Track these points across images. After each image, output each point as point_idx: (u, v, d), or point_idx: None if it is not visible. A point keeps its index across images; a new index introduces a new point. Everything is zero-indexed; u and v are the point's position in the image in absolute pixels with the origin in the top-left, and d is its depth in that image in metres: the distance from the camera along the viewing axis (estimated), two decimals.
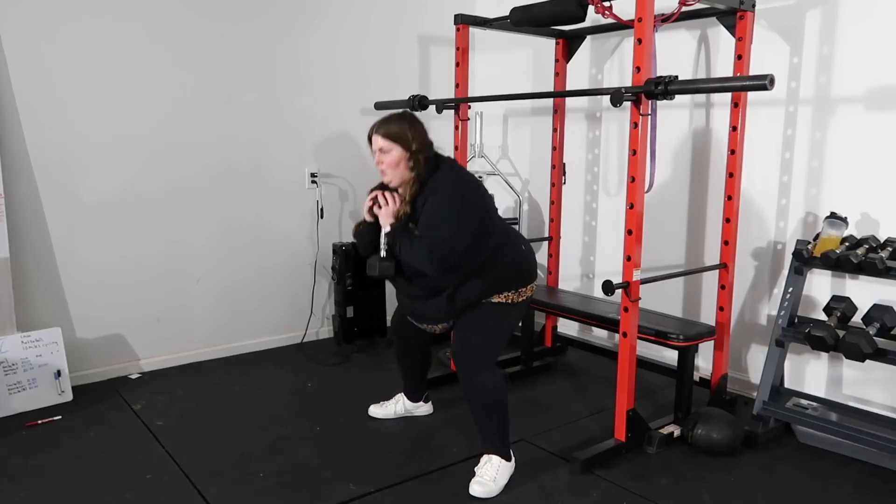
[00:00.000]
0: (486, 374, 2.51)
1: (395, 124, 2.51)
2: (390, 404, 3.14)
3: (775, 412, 2.91)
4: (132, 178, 3.54)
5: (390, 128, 2.51)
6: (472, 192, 2.52)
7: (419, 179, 2.50)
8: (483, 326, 2.55)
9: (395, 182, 2.53)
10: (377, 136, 2.52)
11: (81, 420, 3.07)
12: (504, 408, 2.56)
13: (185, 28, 3.60)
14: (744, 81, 2.41)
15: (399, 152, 2.49)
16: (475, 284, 2.52)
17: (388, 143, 2.49)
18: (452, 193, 2.45)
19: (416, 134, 2.51)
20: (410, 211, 2.50)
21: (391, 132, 2.50)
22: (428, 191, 2.48)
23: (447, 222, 2.40)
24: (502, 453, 2.55)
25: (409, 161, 2.50)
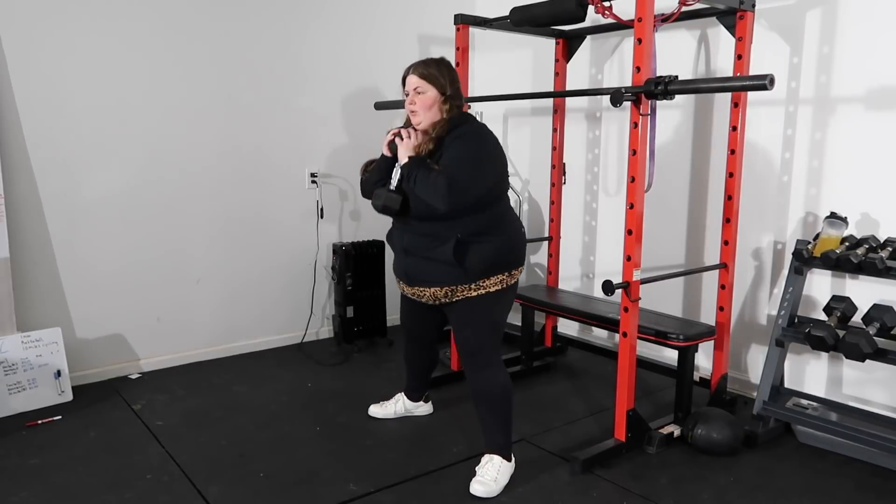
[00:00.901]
0: (494, 371, 2.53)
1: (433, 67, 2.52)
2: (390, 404, 3.14)
3: (775, 412, 2.91)
4: (132, 177, 3.54)
5: (429, 69, 2.51)
6: (497, 148, 2.51)
7: (449, 123, 2.48)
8: (483, 321, 2.54)
9: (425, 123, 2.50)
10: (413, 76, 2.52)
11: (81, 420, 3.07)
12: (509, 406, 2.56)
13: (186, 28, 3.60)
14: (744, 81, 2.41)
15: (434, 94, 2.48)
16: (480, 251, 2.45)
17: (425, 84, 2.49)
18: (480, 141, 2.45)
19: (453, 80, 2.52)
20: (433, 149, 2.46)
21: (429, 73, 2.50)
22: (453, 136, 2.46)
23: (471, 162, 2.38)
24: (504, 453, 2.55)
25: (443, 104, 2.49)
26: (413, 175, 2.40)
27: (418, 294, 2.60)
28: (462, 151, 2.40)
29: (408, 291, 2.65)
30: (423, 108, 2.49)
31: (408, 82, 2.54)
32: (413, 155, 2.45)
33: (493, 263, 2.48)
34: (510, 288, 2.57)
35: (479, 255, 2.45)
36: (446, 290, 2.52)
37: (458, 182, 2.33)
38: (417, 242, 2.52)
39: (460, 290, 2.50)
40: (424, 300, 2.60)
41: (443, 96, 2.49)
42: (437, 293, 2.54)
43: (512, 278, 2.56)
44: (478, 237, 2.45)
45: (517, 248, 2.58)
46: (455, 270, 2.46)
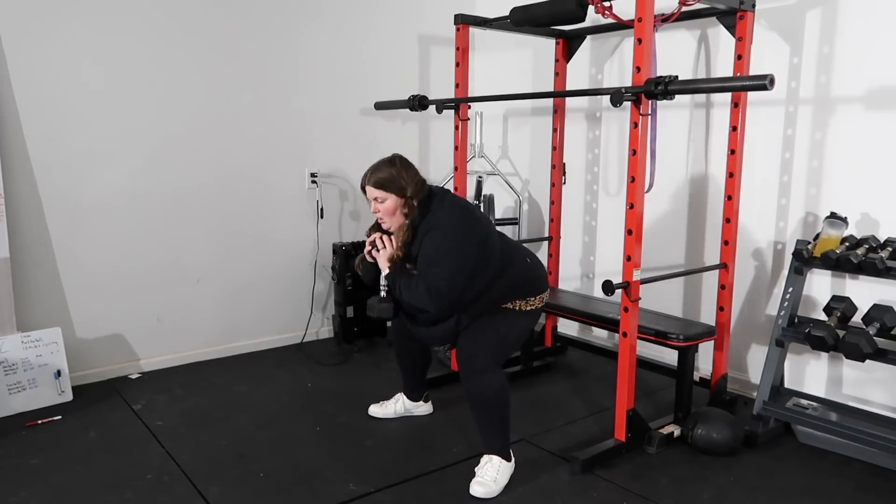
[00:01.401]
0: (489, 376, 2.51)
1: (385, 171, 2.51)
2: (390, 404, 3.14)
3: (775, 412, 2.91)
4: (132, 177, 3.54)
5: (382, 176, 2.51)
6: (469, 224, 2.51)
7: (413, 224, 2.52)
8: (490, 329, 2.57)
9: (394, 228, 2.57)
10: (370, 187, 2.54)
11: (81, 420, 3.07)
12: (506, 409, 2.56)
13: (186, 28, 3.60)
14: (744, 81, 2.41)
15: (394, 200, 2.51)
16: (478, 305, 2.58)
17: (383, 193, 2.51)
18: (449, 231, 2.46)
19: (409, 178, 2.51)
20: (406, 252, 2.55)
21: (384, 181, 2.50)
22: (423, 229, 2.50)
23: (445, 260, 2.42)
24: (503, 454, 2.56)
25: (403, 207, 2.51)
26: (397, 285, 2.52)
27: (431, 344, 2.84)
28: (435, 249, 2.45)
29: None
30: (387, 214, 2.54)
31: (367, 192, 2.56)
32: (390, 265, 2.55)
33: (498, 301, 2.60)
34: (525, 312, 2.64)
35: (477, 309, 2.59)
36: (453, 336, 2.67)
37: (435, 287, 2.42)
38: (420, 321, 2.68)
39: None
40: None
41: (403, 199, 2.50)
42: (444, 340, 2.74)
43: (527, 304, 2.62)
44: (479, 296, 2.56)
45: (528, 282, 2.65)
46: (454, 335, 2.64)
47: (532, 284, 2.64)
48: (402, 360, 3.05)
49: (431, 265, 2.43)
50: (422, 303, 2.45)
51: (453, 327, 2.60)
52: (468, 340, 2.58)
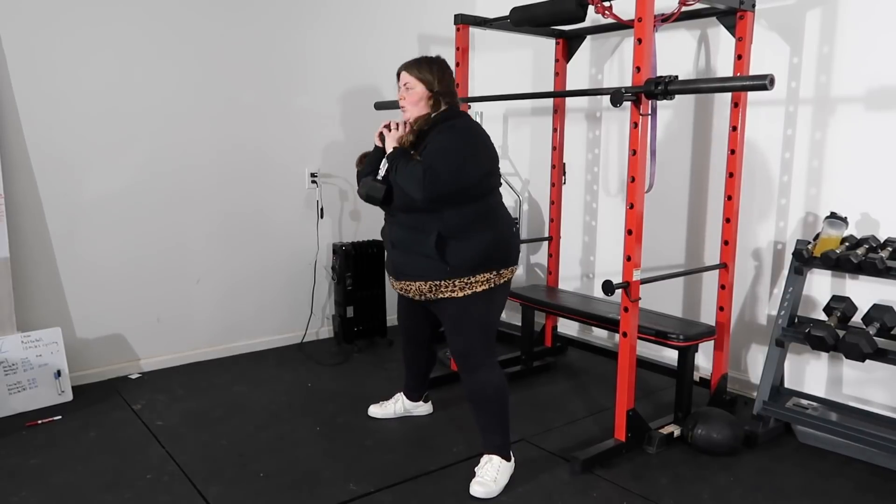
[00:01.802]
0: (487, 372, 2.53)
1: (424, 65, 2.57)
2: (389, 404, 3.14)
3: (775, 412, 2.91)
4: (132, 177, 3.54)
5: (419, 66, 2.57)
6: (482, 143, 2.52)
7: (432, 119, 2.53)
8: (473, 322, 2.53)
9: (413, 117, 2.57)
10: (404, 72, 2.58)
11: (81, 420, 3.07)
12: (505, 406, 2.56)
13: (186, 28, 3.60)
14: (744, 81, 2.41)
15: (422, 90, 2.54)
16: (464, 247, 2.45)
17: (414, 80, 2.55)
18: (462, 135, 2.47)
19: (442, 78, 2.56)
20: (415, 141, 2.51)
21: (418, 70, 2.56)
22: (440, 129, 2.49)
23: (452, 153, 2.41)
24: (502, 453, 2.56)
25: (429, 100, 2.54)
26: (395, 164, 2.47)
27: (405, 289, 2.61)
28: (444, 143, 2.44)
29: (396, 286, 2.67)
30: (411, 102, 2.56)
31: (400, 77, 2.61)
32: (397, 146, 2.52)
33: (478, 260, 2.47)
34: (499, 288, 2.54)
35: (463, 250, 2.45)
36: (430, 286, 2.51)
37: (433, 170, 2.36)
38: (403, 236, 2.55)
39: (445, 286, 2.49)
40: (411, 295, 2.60)
41: (430, 92, 2.54)
42: (421, 287, 2.54)
43: (500, 278, 2.53)
44: (462, 232, 2.45)
45: (506, 246, 2.55)
46: (437, 265, 2.47)
47: (508, 252, 2.57)
48: (407, 356, 3.03)
49: (434, 154, 2.41)
50: (413, 184, 2.37)
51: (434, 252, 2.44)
52: (455, 334, 2.56)
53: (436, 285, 2.50)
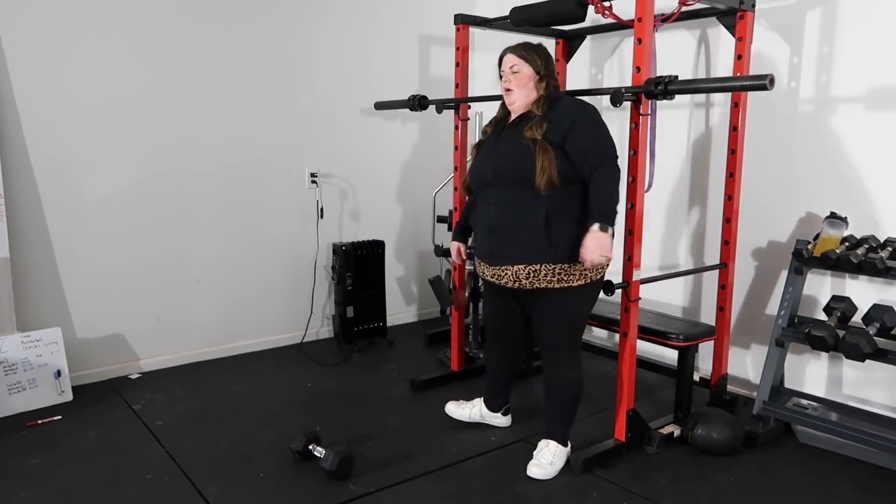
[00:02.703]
0: (569, 368, 2.62)
1: (530, 47, 2.60)
2: (468, 406, 3.05)
3: (775, 412, 2.91)
4: (132, 177, 3.54)
5: (524, 49, 2.59)
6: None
7: (547, 100, 2.55)
8: (564, 317, 2.57)
9: (519, 102, 2.57)
10: (511, 55, 2.60)
11: (81, 420, 3.07)
12: (577, 402, 2.68)
13: (185, 28, 3.60)
14: (744, 81, 2.41)
15: (529, 71, 2.56)
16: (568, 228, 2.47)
17: (521, 62, 2.56)
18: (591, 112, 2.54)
19: (547, 61, 2.60)
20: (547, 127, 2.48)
21: (524, 52, 2.58)
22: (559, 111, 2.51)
23: (603, 135, 2.51)
24: (561, 439, 2.68)
25: (538, 82, 2.56)
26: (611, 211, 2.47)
27: (499, 275, 2.58)
28: (594, 133, 2.50)
29: (488, 273, 2.63)
30: (519, 85, 2.56)
31: (504, 61, 2.62)
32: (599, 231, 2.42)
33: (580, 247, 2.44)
34: (593, 285, 2.56)
35: (566, 232, 2.47)
36: (529, 271, 2.49)
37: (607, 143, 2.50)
38: (504, 217, 2.53)
39: (544, 274, 2.48)
40: (503, 282, 2.57)
41: (538, 74, 2.56)
42: (519, 273, 2.52)
43: (596, 273, 2.55)
44: (567, 212, 2.48)
45: None
46: (542, 246, 2.47)
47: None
48: (491, 362, 2.96)
49: (595, 146, 2.48)
50: (616, 178, 2.47)
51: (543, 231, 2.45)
52: (544, 327, 2.60)
53: (534, 271, 2.49)
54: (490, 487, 2.54)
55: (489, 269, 2.62)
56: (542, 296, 2.53)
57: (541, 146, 2.43)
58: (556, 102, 2.54)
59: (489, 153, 2.62)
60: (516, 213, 2.50)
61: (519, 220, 2.49)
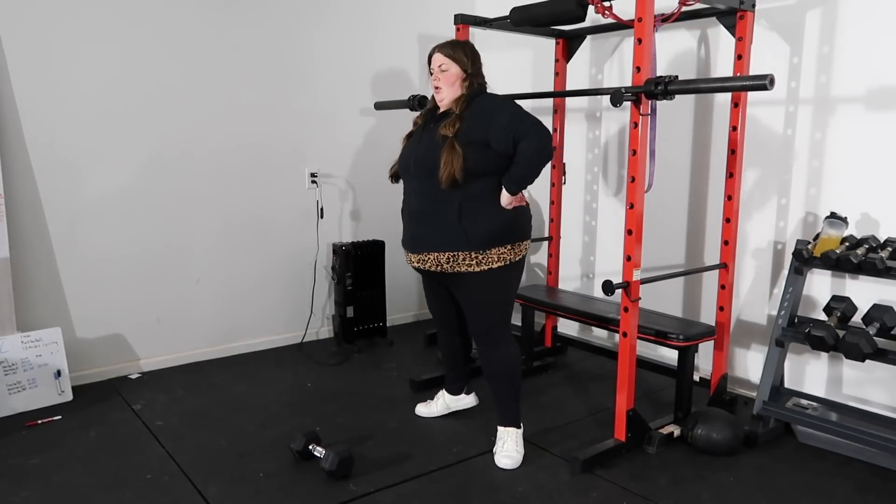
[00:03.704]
0: (505, 347, 2.69)
1: (458, 47, 2.69)
2: (433, 402, 3.14)
3: (775, 412, 2.91)
4: (132, 177, 3.54)
5: (452, 49, 2.67)
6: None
7: (468, 99, 2.61)
8: (491, 299, 2.63)
9: (447, 99, 2.64)
10: (439, 54, 2.67)
11: (81, 420, 3.07)
12: (520, 379, 2.74)
13: (186, 28, 3.60)
14: (744, 81, 2.41)
15: (457, 70, 2.64)
16: (483, 219, 2.55)
17: (448, 61, 2.64)
18: (507, 101, 2.63)
19: (473, 60, 2.68)
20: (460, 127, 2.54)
21: (452, 52, 2.66)
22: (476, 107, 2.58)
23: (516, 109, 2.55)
24: (516, 423, 2.74)
25: (463, 81, 2.64)
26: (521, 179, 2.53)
27: (422, 261, 2.66)
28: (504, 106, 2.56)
29: (413, 259, 2.72)
30: (447, 83, 2.64)
31: (433, 60, 2.70)
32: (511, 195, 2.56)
33: (496, 234, 2.56)
34: (514, 265, 2.64)
35: (481, 221, 2.55)
36: (448, 256, 2.58)
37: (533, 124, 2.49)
38: (424, 206, 2.62)
39: (462, 258, 2.56)
40: (427, 266, 2.65)
41: (464, 73, 2.64)
42: (439, 258, 2.60)
43: (515, 254, 2.62)
44: (481, 204, 2.55)
45: (520, 220, 2.65)
46: (458, 236, 2.55)
47: (525, 226, 2.68)
48: (442, 346, 3.05)
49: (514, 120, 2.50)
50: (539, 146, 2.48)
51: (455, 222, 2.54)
52: (474, 311, 2.66)
53: (453, 256, 2.57)
54: (490, 487, 2.54)
55: (413, 256, 2.71)
56: (466, 279, 2.61)
57: (449, 144, 2.52)
58: (474, 100, 2.61)
59: (414, 144, 2.71)
60: (433, 203, 2.59)
61: (435, 210, 2.59)
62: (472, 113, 2.57)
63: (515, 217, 2.61)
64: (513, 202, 2.58)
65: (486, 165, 2.52)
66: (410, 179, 2.69)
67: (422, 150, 2.63)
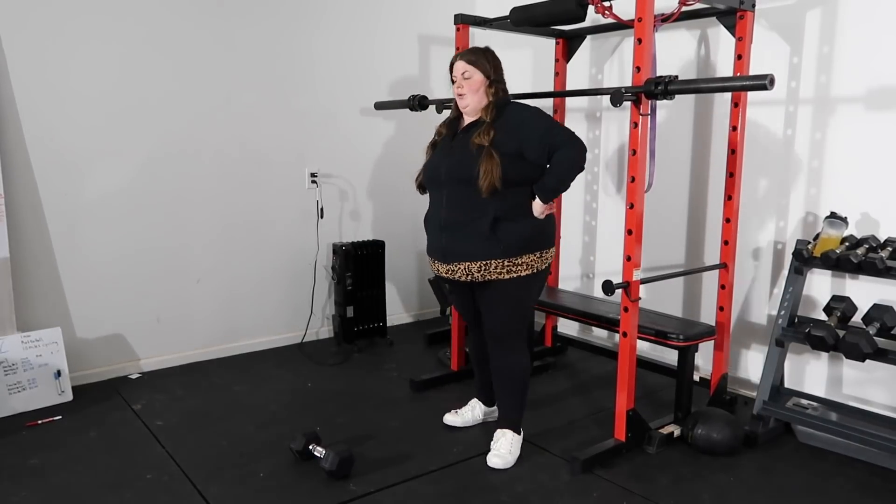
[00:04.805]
0: (519, 355, 2.70)
1: (480, 54, 2.68)
2: (466, 411, 3.06)
3: (775, 412, 2.91)
4: (132, 177, 3.54)
5: (475, 55, 2.67)
6: None
7: (496, 106, 2.63)
8: (513, 306, 2.65)
9: (472, 106, 2.64)
10: (461, 61, 2.66)
11: (81, 420, 3.07)
12: (527, 387, 2.76)
13: (186, 29, 3.60)
14: (744, 81, 2.41)
15: (480, 77, 2.63)
16: (515, 227, 2.58)
17: (471, 68, 2.64)
18: (538, 111, 2.64)
19: (496, 66, 2.68)
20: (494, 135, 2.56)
21: (474, 59, 2.66)
22: (507, 117, 2.60)
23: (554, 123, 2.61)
24: (515, 428, 2.75)
25: (488, 87, 2.64)
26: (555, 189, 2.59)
27: (452, 271, 2.66)
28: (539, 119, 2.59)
29: (442, 270, 2.71)
30: (471, 90, 2.63)
31: (455, 67, 2.69)
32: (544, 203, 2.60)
33: (527, 241, 2.59)
34: (540, 273, 2.67)
35: (514, 231, 2.57)
36: (480, 265, 2.59)
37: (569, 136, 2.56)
38: (456, 217, 2.62)
39: (494, 266, 2.58)
40: (457, 276, 2.65)
41: (488, 80, 2.63)
42: (471, 268, 2.61)
43: (542, 262, 2.65)
44: (515, 213, 2.57)
45: (549, 227, 2.69)
46: (491, 244, 2.56)
47: (551, 233, 2.71)
48: (475, 355, 3.00)
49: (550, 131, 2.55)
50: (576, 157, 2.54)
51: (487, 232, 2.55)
52: (494, 316, 2.67)
53: (485, 265, 2.58)
54: (490, 487, 2.54)
55: (443, 266, 2.70)
56: (492, 286, 2.63)
57: (486, 153, 2.52)
58: (503, 109, 2.63)
59: (443, 154, 2.71)
60: (466, 213, 2.59)
61: (468, 220, 2.59)
62: (503, 123, 2.58)
63: (544, 224, 2.65)
64: (545, 210, 2.61)
65: (521, 175, 2.55)
66: (440, 189, 2.67)
67: (454, 159, 2.63)
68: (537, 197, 2.58)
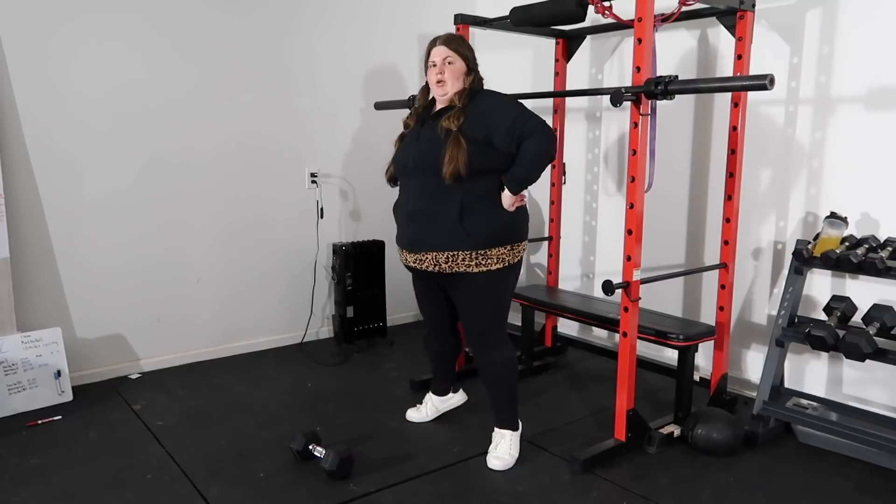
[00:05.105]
0: (501, 349, 2.66)
1: (461, 41, 2.68)
2: (423, 407, 3.10)
3: (775, 412, 2.91)
4: (132, 177, 3.54)
5: (458, 43, 2.66)
6: None
7: (470, 93, 2.60)
8: (487, 301, 2.61)
9: (450, 91, 2.60)
10: (443, 47, 2.63)
11: (81, 420, 3.07)
12: (515, 379, 2.71)
13: (186, 28, 3.60)
14: (744, 81, 2.41)
15: (461, 65, 2.62)
16: (484, 219, 2.52)
17: (454, 55, 2.62)
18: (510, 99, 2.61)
19: (473, 54, 2.70)
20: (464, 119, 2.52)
21: (457, 46, 2.64)
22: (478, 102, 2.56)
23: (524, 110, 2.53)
24: (512, 426, 2.73)
25: (468, 74, 2.64)
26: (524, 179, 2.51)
27: (419, 260, 2.63)
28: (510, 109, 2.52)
29: (410, 259, 2.68)
30: (453, 77, 2.60)
31: (436, 52, 2.64)
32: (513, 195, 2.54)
33: (496, 234, 2.53)
34: (512, 267, 2.62)
35: (482, 220, 2.52)
36: (448, 256, 2.54)
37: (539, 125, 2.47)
38: (422, 206, 2.58)
39: (462, 258, 2.53)
40: (424, 266, 2.62)
41: (468, 67, 2.64)
42: (438, 258, 2.57)
43: (514, 256, 2.60)
44: (483, 203, 2.52)
45: (520, 221, 2.64)
46: (458, 235, 2.51)
47: (523, 226, 2.67)
48: (432, 347, 3.01)
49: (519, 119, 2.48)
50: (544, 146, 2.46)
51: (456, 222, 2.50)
52: (470, 313, 2.64)
53: (453, 256, 2.54)
54: (490, 487, 2.54)
55: (410, 255, 2.67)
56: (463, 280, 2.59)
57: (453, 137, 2.48)
58: (475, 96, 2.59)
59: (411, 142, 2.68)
60: (434, 202, 2.55)
61: (436, 209, 2.55)
62: (473, 108, 2.54)
63: (515, 217, 2.60)
64: (514, 202, 2.56)
65: (489, 163, 2.50)
66: (408, 177, 2.65)
67: (421, 146, 2.60)
68: (506, 188, 2.52)
